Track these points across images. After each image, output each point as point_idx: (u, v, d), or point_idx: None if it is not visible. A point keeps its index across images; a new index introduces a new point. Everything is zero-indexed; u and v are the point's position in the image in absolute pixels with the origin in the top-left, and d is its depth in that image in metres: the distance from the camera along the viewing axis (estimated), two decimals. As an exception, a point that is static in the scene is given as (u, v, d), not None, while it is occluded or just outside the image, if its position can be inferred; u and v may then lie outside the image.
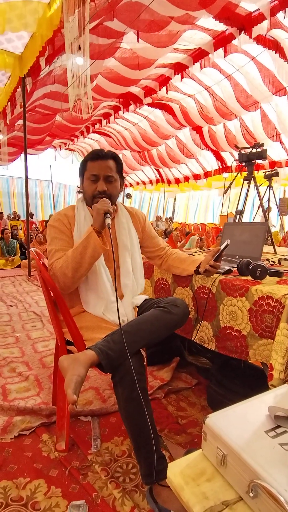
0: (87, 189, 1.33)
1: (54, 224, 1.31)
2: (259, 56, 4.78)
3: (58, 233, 1.30)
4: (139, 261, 1.44)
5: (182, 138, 8.33)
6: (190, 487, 0.60)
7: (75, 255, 1.17)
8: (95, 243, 1.16)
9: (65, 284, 1.21)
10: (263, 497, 0.53)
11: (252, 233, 1.70)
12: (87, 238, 1.17)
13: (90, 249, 1.17)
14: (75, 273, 1.18)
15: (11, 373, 1.92)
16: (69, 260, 1.18)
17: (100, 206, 1.19)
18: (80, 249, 1.17)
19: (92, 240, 1.17)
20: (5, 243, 6.77)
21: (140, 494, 1.09)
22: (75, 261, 1.17)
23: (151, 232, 1.55)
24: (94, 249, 1.17)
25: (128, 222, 1.44)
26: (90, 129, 8.71)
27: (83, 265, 1.18)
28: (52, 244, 1.28)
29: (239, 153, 2.51)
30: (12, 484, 1.11)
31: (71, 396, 0.87)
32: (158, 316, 1.18)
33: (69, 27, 2.82)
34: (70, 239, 1.30)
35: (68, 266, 1.18)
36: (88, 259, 1.18)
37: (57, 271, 1.19)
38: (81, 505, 1.02)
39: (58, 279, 1.20)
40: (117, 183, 1.36)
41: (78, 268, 1.18)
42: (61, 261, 1.20)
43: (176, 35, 3.97)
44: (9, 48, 4.46)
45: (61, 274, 1.19)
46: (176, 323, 1.21)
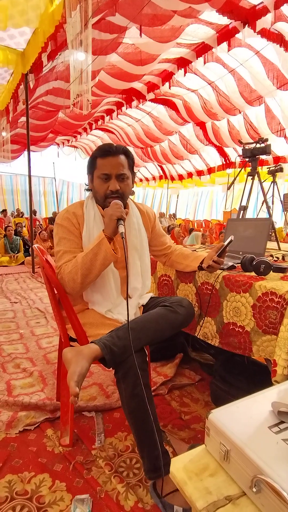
0: (98, 189, 1.26)
1: (62, 223, 1.25)
2: (263, 50, 4.72)
3: (67, 233, 1.24)
4: (147, 262, 1.41)
5: (186, 134, 8.27)
6: (193, 482, 0.60)
7: (85, 261, 1.13)
8: (107, 250, 1.12)
9: (73, 289, 1.18)
10: (266, 492, 0.53)
11: (255, 229, 1.69)
12: (98, 245, 1.13)
13: (101, 256, 1.13)
14: (85, 279, 1.15)
15: (15, 369, 1.94)
16: (79, 266, 1.14)
17: (112, 212, 1.13)
18: (91, 256, 1.13)
19: (103, 247, 1.12)
20: (9, 240, 6.80)
21: (144, 488, 1.09)
22: (85, 268, 1.13)
23: (159, 231, 1.52)
24: (105, 257, 1.13)
25: (138, 222, 1.39)
26: (93, 125, 8.69)
27: (93, 272, 1.15)
28: (60, 245, 1.24)
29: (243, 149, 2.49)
30: (17, 478, 1.12)
31: (73, 389, 0.87)
32: (164, 315, 1.18)
33: (71, 22, 2.80)
34: (78, 239, 1.25)
35: (77, 272, 1.14)
36: (98, 266, 1.14)
37: (66, 276, 1.16)
38: (85, 499, 1.03)
39: (66, 283, 1.17)
40: (129, 180, 1.29)
41: (87, 274, 1.14)
42: (70, 266, 1.16)
43: (179, 29, 3.93)
44: (11, 44, 4.44)
45: (70, 279, 1.15)
46: (181, 323, 1.21)
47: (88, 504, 1.01)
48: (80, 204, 1.32)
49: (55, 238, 1.26)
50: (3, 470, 1.16)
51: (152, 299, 1.40)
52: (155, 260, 1.79)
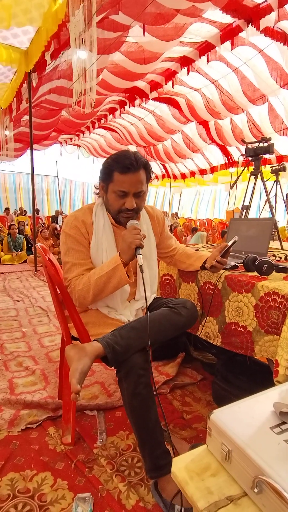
0: (112, 203, 1.20)
1: (70, 233, 1.21)
2: (267, 48, 4.69)
3: (75, 243, 1.21)
4: (155, 269, 1.40)
5: (188, 133, 8.25)
6: (194, 482, 0.60)
7: (98, 283, 1.12)
8: (121, 276, 1.12)
9: (82, 304, 1.19)
10: (267, 493, 0.53)
11: (258, 229, 1.68)
12: (114, 270, 1.11)
13: (115, 280, 1.13)
14: (95, 298, 1.16)
15: (18, 367, 1.94)
16: (91, 286, 1.13)
17: (132, 240, 1.09)
18: (105, 279, 1.12)
19: (118, 273, 1.11)
20: (12, 238, 6.82)
21: (145, 487, 1.10)
22: (97, 289, 1.13)
23: (167, 234, 1.52)
24: (119, 281, 1.13)
25: (148, 229, 1.37)
26: (96, 124, 8.68)
27: (104, 292, 1.15)
28: (68, 256, 1.21)
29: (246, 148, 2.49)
30: (19, 476, 1.13)
31: (75, 386, 0.87)
32: (167, 315, 1.18)
33: (74, 21, 2.80)
34: (87, 250, 1.23)
35: (89, 291, 1.13)
36: (111, 288, 1.15)
37: (76, 293, 1.15)
38: (87, 497, 1.03)
39: (76, 298, 1.17)
40: (146, 194, 1.25)
41: (99, 294, 1.15)
42: (82, 284, 1.14)
43: (183, 28, 3.92)
44: (15, 43, 4.45)
45: (80, 296, 1.15)
46: (184, 324, 1.21)
47: (89, 503, 1.01)
48: (89, 210, 1.27)
49: (63, 247, 1.23)
50: (5, 468, 1.16)
51: (156, 300, 1.40)
52: (158, 260, 1.79)
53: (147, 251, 1.33)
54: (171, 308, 1.20)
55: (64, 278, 1.22)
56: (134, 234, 1.11)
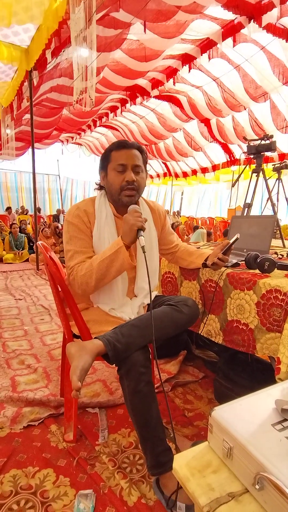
0: (113, 181, 1.22)
1: (73, 221, 1.22)
2: (269, 45, 4.67)
3: (77, 232, 1.22)
4: (156, 262, 1.39)
5: (190, 131, 8.23)
6: (196, 479, 0.61)
7: (101, 267, 1.13)
8: (124, 259, 1.12)
9: (85, 291, 1.18)
10: (269, 489, 0.53)
11: (260, 226, 1.68)
12: (116, 253, 1.12)
13: (117, 264, 1.13)
14: (98, 284, 1.16)
15: (20, 365, 1.95)
16: (94, 270, 1.13)
17: (134, 222, 1.11)
18: (107, 262, 1.13)
19: (121, 256, 1.12)
20: (14, 237, 6.83)
21: (147, 484, 1.10)
22: (100, 273, 1.13)
23: (169, 230, 1.52)
24: (121, 264, 1.13)
25: (149, 221, 1.37)
26: (97, 122, 8.67)
27: (107, 277, 1.15)
28: (70, 244, 1.22)
29: (248, 145, 2.47)
30: (22, 473, 1.13)
31: (75, 383, 0.87)
32: (168, 313, 1.17)
33: (75, 18, 2.79)
34: (89, 238, 1.24)
35: (91, 276, 1.13)
36: (113, 272, 1.15)
37: (79, 278, 1.15)
38: (88, 494, 1.04)
39: (78, 285, 1.17)
40: (144, 174, 1.28)
41: (102, 279, 1.15)
42: (84, 269, 1.15)
43: (184, 25, 3.90)
44: (15, 41, 4.44)
45: (83, 282, 1.15)
46: (186, 322, 1.21)
47: (91, 499, 1.02)
48: (91, 201, 1.29)
49: (65, 236, 1.24)
50: (8, 464, 1.17)
51: (157, 297, 1.40)
52: (160, 257, 1.79)
53: (148, 243, 1.32)
54: (172, 306, 1.20)
55: (66, 266, 1.22)
56: (135, 217, 1.12)
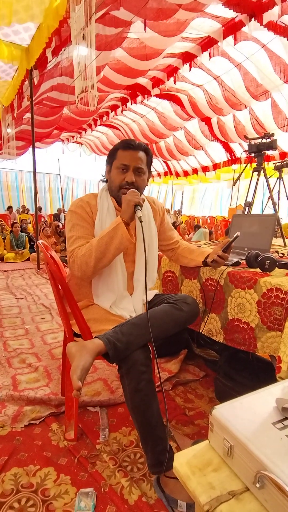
0: (114, 178, 1.28)
1: (76, 210, 1.26)
2: (270, 43, 4.64)
3: (80, 220, 1.25)
4: (155, 254, 1.41)
5: (191, 130, 8.21)
6: (196, 477, 0.61)
7: (100, 244, 1.14)
8: (123, 234, 1.13)
9: (85, 273, 1.17)
10: (269, 488, 0.53)
11: (261, 225, 1.67)
12: (115, 229, 1.14)
13: (116, 240, 1.14)
14: (98, 263, 1.15)
15: (21, 364, 1.95)
16: (93, 249, 1.14)
17: (130, 198, 1.17)
18: (106, 239, 1.14)
19: (119, 232, 1.13)
20: (15, 236, 6.83)
21: (148, 483, 1.10)
22: (99, 251, 1.14)
23: (168, 225, 1.53)
24: (120, 241, 1.14)
25: (149, 215, 1.40)
26: (97, 121, 8.66)
27: (107, 256, 1.15)
28: (73, 231, 1.24)
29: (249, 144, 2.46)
30: (23, 471, 1.14)
31: (76, 382, 0.88)
32: (168, 312, 1.18)
33: (75, 17, 2.78)
34: (91, 227, 1.26)
35: (91, 255, 1.14)
36: (113, 250, 1.15)
37: (79, 259, 1.16)
38: (89, 492, 1.04)
39: (78, 266, 1.17)
40: (146, 176, 1.33)
41: (101, 258, 1.15)
42: (84, 249, 1.17)
43: (185, 23, 3.89)
44: (16, 40, 4.43)
45: (83, 262, 1.15)
46: (186, 320, 1.21)
47: (92, 498, 1.02)
48: (93, 196, 1.33)
49: (68, 225, 1.27)
50: (9, 463, 1.17)
51: (157, 296, 1.40)
52: (160, 256, 1.79)
53: (148, 235, 1.35)
54: (172, 304, 1.20)
55: (67, 252, 1.23)
56: (133, 195, 1.18)
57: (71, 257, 1.19)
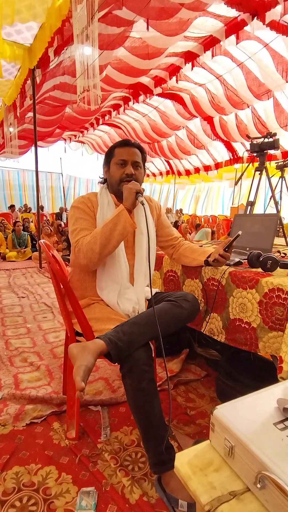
0: (114, 174, 1.35)
1: (78, 206, 1.33)
2: (273, 42, 4.63)
3: (83, 214, 1.32)
4: (152, 246, 1.45)
5: (193, 129, 8.20)
6: (197, 477, 0.61)
7: (105, 230, 1.19)
8: (126, 220, 1.19)
9: (91, 260, 1.21)
10: (270, 488, 0.53)
11: (263, 225, 1.67)
12: (118, 216, 1.20)
13: (120, 226, 1.19)
14: (103, 250, 1.19)
15: (23, 363, 1.96)
16: (98, 236, 1.19)
17: (132, 186, 1.24)
18: (110, 226, 1.19)
19: (122, 218, 1.19)
20: (17, 235, 6.85)
21: (149, 482, 1.10)
22: (104, 237, 1.19)
23: (165, 221, 1.57)
24: (124, 226, 1.19)
25: (146, 209, 1.43)
26: (100, 120, 8.66)
27: (111, 242, 1.20)
28: (76, 224, 1.30)
29: (251, 143, 2.46)
30: (24, 470, 1.14)
31: (79, 383, 0.88)
32: (168, 309, 1.18)
33: (77, 16, 2.78)
34: (94, 220, 1.32)
35: (96, 241, 1.19)
36: (117, 236, 1.20)
37: (84, 247, 1.20)
38: (91, 491, 1.04)
39: (84, 254, 1.21)
40: (142, 170, 1.41)
41: (106, 244, 1.19)
42: (89, 237, 1.22)
43: (187, 22, 3.88)
44: (18, 39, 4.43)
45: (88, 249, 1.20)
46: (186, 317, 1.21)
47: (93, 497, 1.02)
48: (94, 194, 1.41)
49: (71, 219, 1.33)
50: (10, 461, 1.18)
51: (157, 294, 1.41)
52: (162, 256, 1.79)
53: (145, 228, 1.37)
54: (172, 301, 1.21)
55: (72, 243, 1.27)
56: (134, 184, 1.27)
57: (76, 246, 1.23)
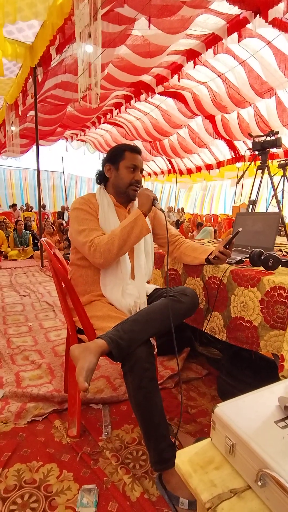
0: (124, 176, 1.38)
1: (81, 207, 1.34)
2: (275, 40, 4.61)
3: (88, 214, 1.34)
4: (149, 241, 1.47)
5: (195, 127, 8.18)
6: (198, 475, 0.61)
7: (123, 233, 1.24)
8: (143, 224, 1.26)
9: (107, 259, 1.24)
10: (271, 486, 0.53)
11: (264, 223, 1.67)
12: (135, 220, 1.26)
13: (137, 230, 1.25)
14: (119, 251, 1.24)
15: (24, 361, 1.97)
16: (116, 238, 1.23)
17: (149, 193, 1.32)
18: (128, 229, 1.24)
19: (139, 222, 1.26)
20: (18, 234, 6.86)
21: (150, 480, 1.10)
22: (122, 239, 1.23)
23: (162, 220, 1.56)
24: (141, 230, 1.26)
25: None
26: (101, 119, 8.65)
27: (128, 244, 1.25)
28: (83, 224, 1.31)
29: (253, 142, 2.46)
30: (26, 467, 1.14)
31: (82, 384, 0.88)
32: (168, 305, 1.18)
33: (79, 14, 2.78)
34: (97, 220, 1.35)
35: (114, 243, 1.22)
36: (133, 238, 1.25)
37: (102, 247, 1.23)
38: (92, 489, 1.04)
39: (101, 254, 1.23)
40: None
41: (123, 246, 1.24)
42: (106, 238, 1.24)
43: (189, 20, 3.86)
44: (20, 38, 4.43)
45: (106, 249, 1.22)
46: (186, 312, 1.22)
47: (95, 494, 1.03)
48: (92, 195, 1.42)
49: (76, 220, 1.33)
50: (12, 459, 1.18)
51: (156, 290, 1.43)
52: (163, 254, 1.79)
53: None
54: (171, 296, 1.21)
55: (84, 242, 1.26)
56: (150, 191, 1.34)
57: (91, 246, 1.25)
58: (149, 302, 1.34)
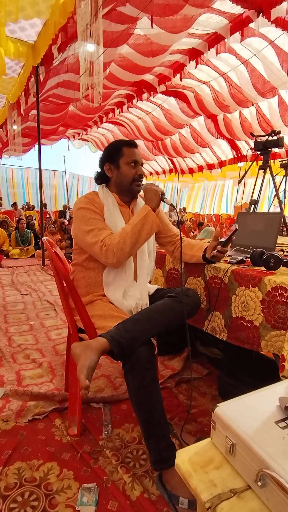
0: (127, 173, 1.36)
1: (86, 207, 1.32)
2: (278, 39, 4.58)
3: (94, 214, 1.31)
4: (151, 242, 1.47)
5: (197, 127, 8.16)
6: (198, 474, 0.61)
7: (134, 231, 1.23)
8: (153, 220, 1.26)
9: (119, 259, 1.23)
10: (271, 486, 0.53)
11: (266, 223, 1.66)
12: (146, 217, 1.25)
13: (148, 226, 1.25)
14: (132, 249, 1.23)
15: (25, 360, 1.97)
16: (127, 236, 1.22)
17: (156, 188, 1.31)
18: (139, 226, 1.24)
19: (150, 218, 1.25)
20: (20, 233, 6.87)
21: (150, 479, 1.11)
22: (134, 237, 1.22)
23: (163, 219, 1.56)
24: (151, 227, 1.26)
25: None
26: (103, 118, 8.65)
27: (139, 241, 1.24)
28: (91, 224, 1.28)
29: (255, 141, 2.45)
30: (26, 466, 1.15)
31: (83, 382, 0.88)
32: (170, 305, 1.18)
33: (81, 13, 2.77)
34: (103, 219, 1.33)
35: (126, 241, 1.21)
36: (144, 235, 1.25)
37: (114, 247, 1.21)
38: (92, 487, 1.05)
39: (114, 253, 1.21)
40: None
41: (135, 244, 1.23)
42: (117, 237, 1.22)
43: (191, 19, 3.85)
44: (22, 36, 4.43)
45: (118, 249, 1.21)
46: (187, 312, 1.21)
47: (95, 493, 1.03)
48: (95, 194, 1.40)
49: (82, 220, 1.30)
50: (12, 457, 1.18)
51: (158, 290, 1.43)
52: (164, 254, 1.79)
53: None
54: (173, 297, 1.21)
55: (93, 242, 1.24)
56: (156, 186, 1.33)
57: (103, 246, 1.22)
58: (151, 302, 1.34)
